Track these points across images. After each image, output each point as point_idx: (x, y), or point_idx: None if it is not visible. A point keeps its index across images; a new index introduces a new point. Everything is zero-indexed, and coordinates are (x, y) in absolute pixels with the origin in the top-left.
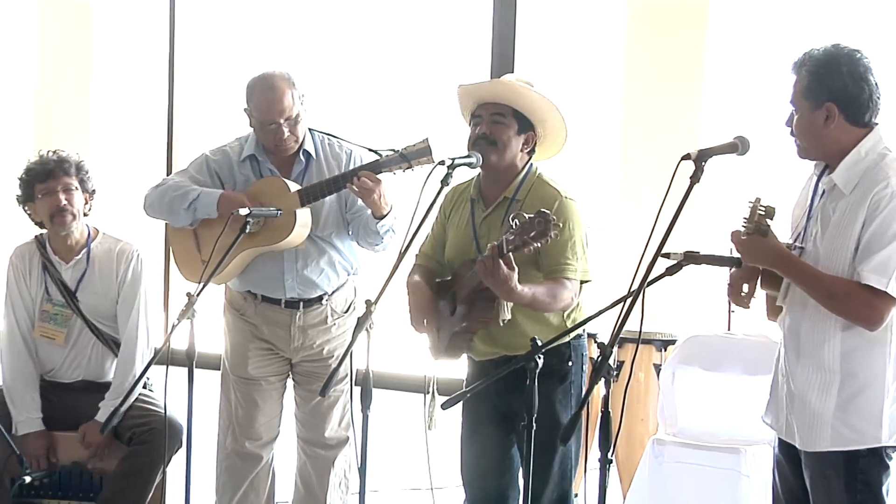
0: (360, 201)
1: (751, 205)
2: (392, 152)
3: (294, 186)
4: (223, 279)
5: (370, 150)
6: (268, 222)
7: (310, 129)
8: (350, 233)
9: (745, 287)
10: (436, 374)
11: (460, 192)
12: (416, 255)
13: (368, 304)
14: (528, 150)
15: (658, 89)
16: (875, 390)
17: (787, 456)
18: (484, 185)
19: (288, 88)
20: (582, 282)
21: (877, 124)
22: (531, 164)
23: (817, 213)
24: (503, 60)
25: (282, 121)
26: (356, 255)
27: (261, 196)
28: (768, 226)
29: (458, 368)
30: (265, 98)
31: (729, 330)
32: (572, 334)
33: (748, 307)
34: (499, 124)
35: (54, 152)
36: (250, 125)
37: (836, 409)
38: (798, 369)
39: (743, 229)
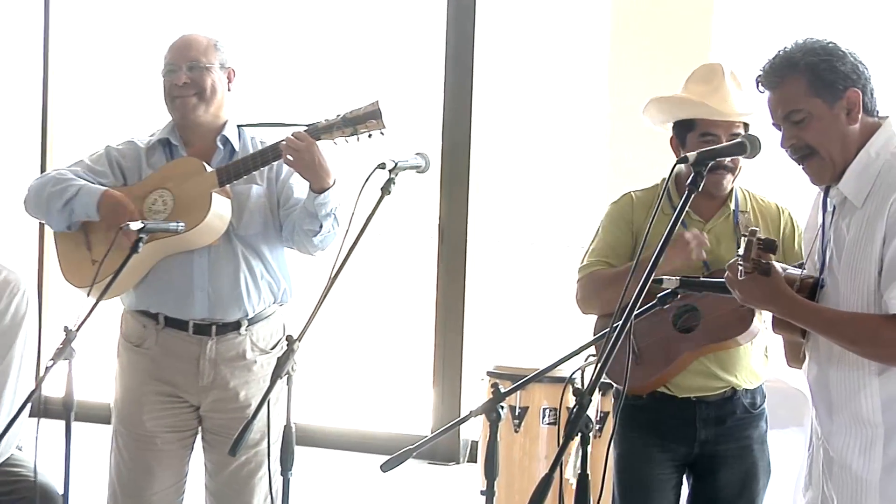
0: (295, 192)
1: (745, 239)
2: (335, 117)
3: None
4: (118, 290)
5: (308, 125)
6: (177, 207)
7: (238, 126)
8: (284, 234)
9: None
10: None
11: (644, 200)
12: (587, 263)
13: (291, 340)
14: None
15: (652, 76)
16: None
17: None
18: (695, 198)
19: (207, 42)
20: None
21: (886, 117)
22: None
23: (829, 235)
24: (461, 38)
25: (183, 65)
26: (287, 274)
27: (168, 180)
28: (770, 263)
29: (395, 421)
30: (176, 43)
31: None
32: (765, 371)
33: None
34: None
35: None
36: (164, 95)
37: (882, 472)
38: (833, 429)
39: (740, 268)
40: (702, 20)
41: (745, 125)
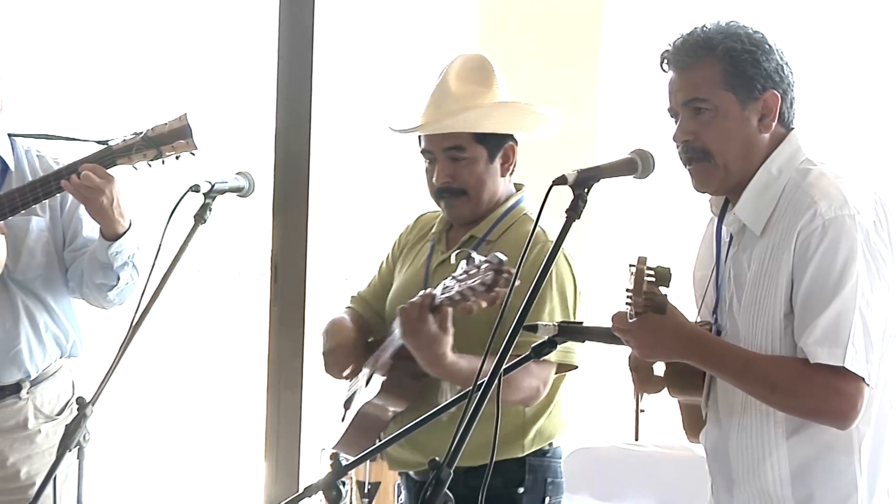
0: (84, 231)
1: (633, 269)
2: (133, 135)
3: None
4: None
5: (100, 142)
6: None
7: (10, 136)
8: (70, 284)
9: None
10: None
11: (424, 224)
12: (351, 297)
13: (82, 403)
14: (509, 167)
15: (529, 82)
16: None
17: None
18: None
19: None
20: (562, 366)
21: (792, 129)
22: (519, 194)
23: (727, 270)
24: (298, 31)
25: None
26: (76, 323)
27: None
28: (665, 297)
29: (218, 500)
30: None
31: (636, 440)
32: (529, 447)
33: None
34: (459, 162)
35: None
36: None
37: None
38: None
39: (629, 309)
40: (591, 17)
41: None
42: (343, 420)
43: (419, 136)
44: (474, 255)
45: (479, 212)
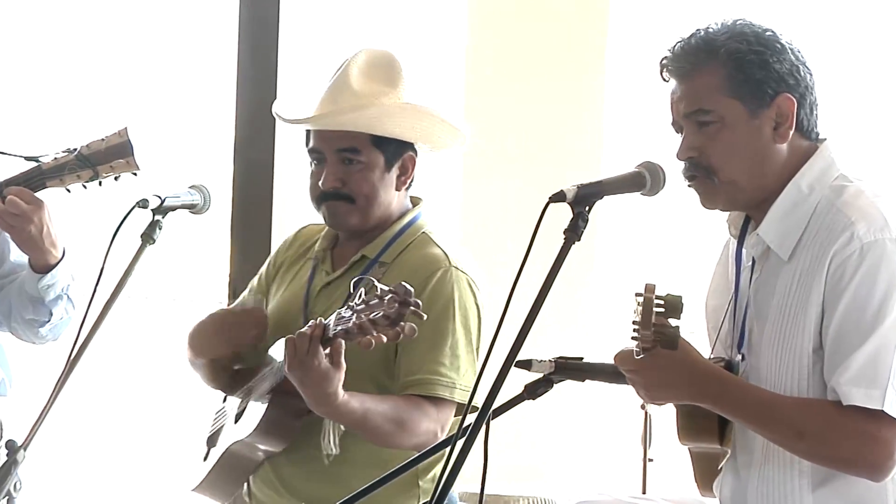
0: (12, 256)
1: (640, 299)
2: (65, 153)
3: None
4: None
5: (29, 158)
6: None
7: None
8: None
9: None
10: None
11: (306, 240)
12: None
13: (12, 447)
14: (407, 180)
15: (518, 90)
16: None
17: None
18: (343, 240)
19: None
20: (462, 406)
21: (824, 139)
22: (416, 210)
23: (747, 298)
24: (261, 26)
25: None
26: (4, 360)
27: None
28: (677, 330)
29: None
30: None
31: (644, 492)
32: (424, 496)
33: None
34: (352, 166)
35: None
36: None
37: None
38: None
39: (636, 344)
40: (595, 16)
41: (374, 137)
42: (206, 459)
43: (307, 133)
44: (377, 282)
45: (367, 225)
